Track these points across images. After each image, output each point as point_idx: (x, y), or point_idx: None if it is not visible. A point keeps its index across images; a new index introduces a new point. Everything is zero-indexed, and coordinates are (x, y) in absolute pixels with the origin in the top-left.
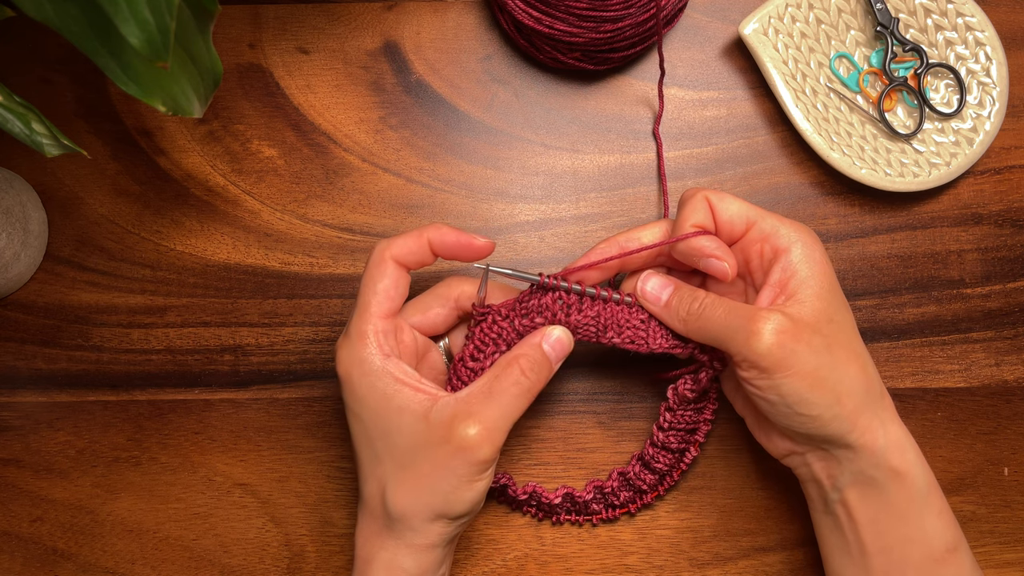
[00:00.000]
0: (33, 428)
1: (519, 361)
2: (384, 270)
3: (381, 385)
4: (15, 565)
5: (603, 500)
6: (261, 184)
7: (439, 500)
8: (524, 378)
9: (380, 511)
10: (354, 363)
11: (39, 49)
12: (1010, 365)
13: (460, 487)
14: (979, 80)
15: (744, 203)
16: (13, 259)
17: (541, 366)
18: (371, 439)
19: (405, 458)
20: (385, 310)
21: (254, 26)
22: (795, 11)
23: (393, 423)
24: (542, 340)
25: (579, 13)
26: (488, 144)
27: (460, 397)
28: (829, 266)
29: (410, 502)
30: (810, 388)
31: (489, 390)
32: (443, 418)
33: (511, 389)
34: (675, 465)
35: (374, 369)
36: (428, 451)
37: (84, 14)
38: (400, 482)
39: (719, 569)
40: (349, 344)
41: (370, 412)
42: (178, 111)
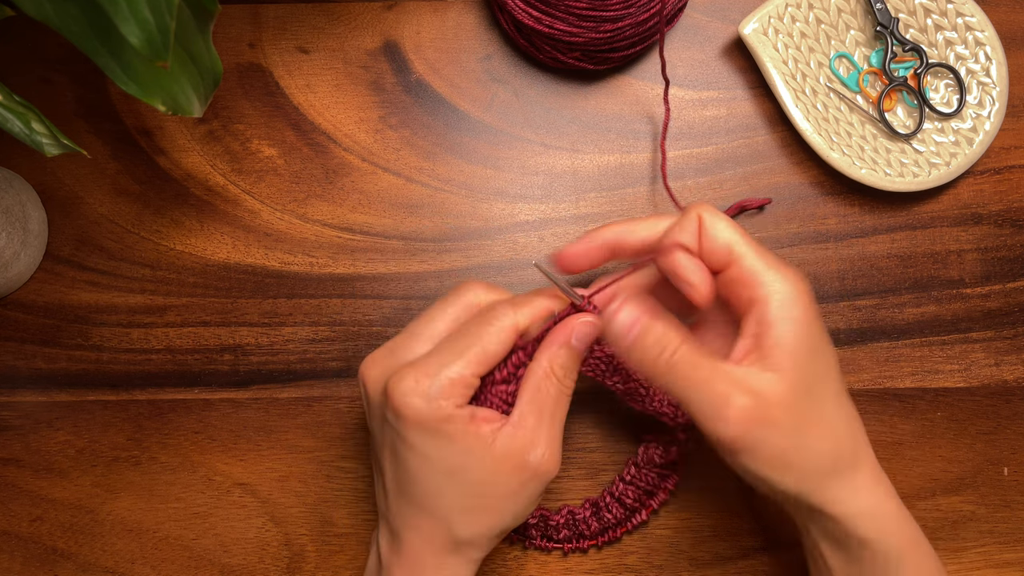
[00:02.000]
0: (33, 428)
1: (554, 370)
2: (501, 339)
3: (450, 429)
4: (15, 565)
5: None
6: (261, 184)
7: (510, 519)
8: (563, 386)
9: (441, 538)
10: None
11: (39, 49)
12: (1010, 365)
13: (529, 506)
14: (979, 80)
15: (735, 233)
16: (13, 258)
17: (573, 365)
18: (433, 475)
19: (476, 491)
20: (481, 371)
21: (254, 26)
22: (795, 11)
23: (461, 462)
24: (571, 338)
25: (579, 13)
26: (488, 144)
27: (515, 423)
28: (812, 322)
29: (483, 528)
30: (773, 470)
31: (539, 408)
32: (509, 450)
33: (557, 401)
34: (621, 522)
35: (448, 416)
36: (499, 482)
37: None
38: (472, 512)
39: (719, 569)
40: (427, 380)
41: (437, 451)
42: (178, 111)
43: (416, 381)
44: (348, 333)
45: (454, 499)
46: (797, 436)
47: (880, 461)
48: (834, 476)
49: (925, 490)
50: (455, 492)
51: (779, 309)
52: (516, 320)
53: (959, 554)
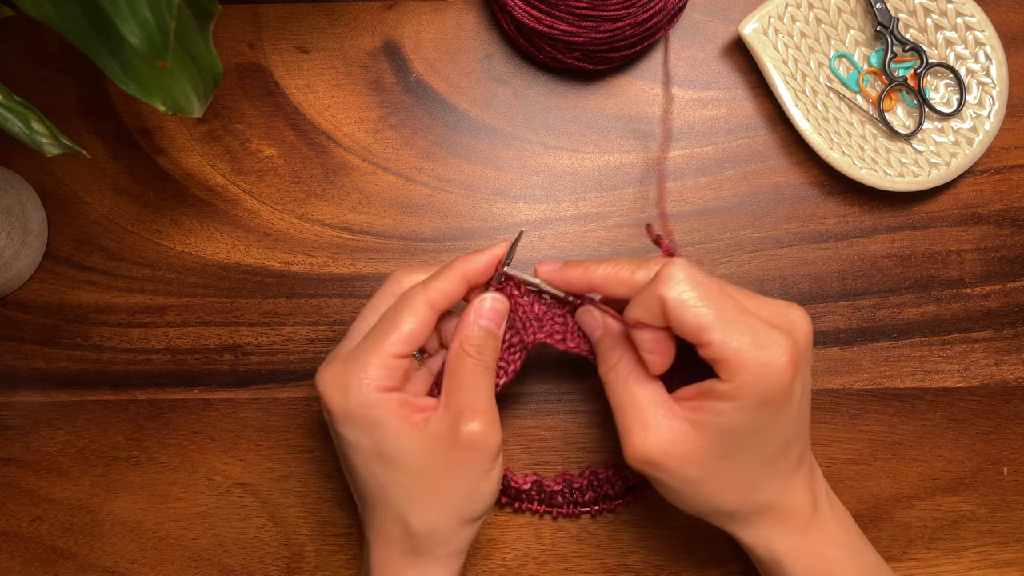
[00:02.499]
0: (33, 427)
1: (464, 348)
2: (415, 314)
3: (378, 414)
4: (15, 564)
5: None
6: (261, 183)
7: (461, 502)
8: (476, 361)
9: (400, 536)
10: (348, 394)
11: (39, 49)
12: (1010, 365)
13: (479, 482)
14: (979, 80)
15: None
16: (13, 258)
17: (485, 342)
18: (371, 468)
19: (417, 476)
20: (402, 351)
21: (254, 26)
22: (795, 11)
23: (395, 448)
24: (475, 318)
25: (579, 13)
26: (488, 144)
27: (442, 404)
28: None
29: (435, 516)
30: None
31: (458, 385)
32: (440, 428)
33: (473, 373)
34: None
35: (371, 401)
36: (439, 461)
37: (84, 13)
38: (420, 500)
39: (719, 569)
40: (344, 374)
41: (370, 441)
42: (178, 110)
43: (335, 373)
44: None
45: (398, 489)
46: (694, 486)
47: (880, 461)
48: (733, 520)
49: (925, 490)
50: (397, 481)
51: (733, 394)
52: (428, 296)
53: (959, 554)
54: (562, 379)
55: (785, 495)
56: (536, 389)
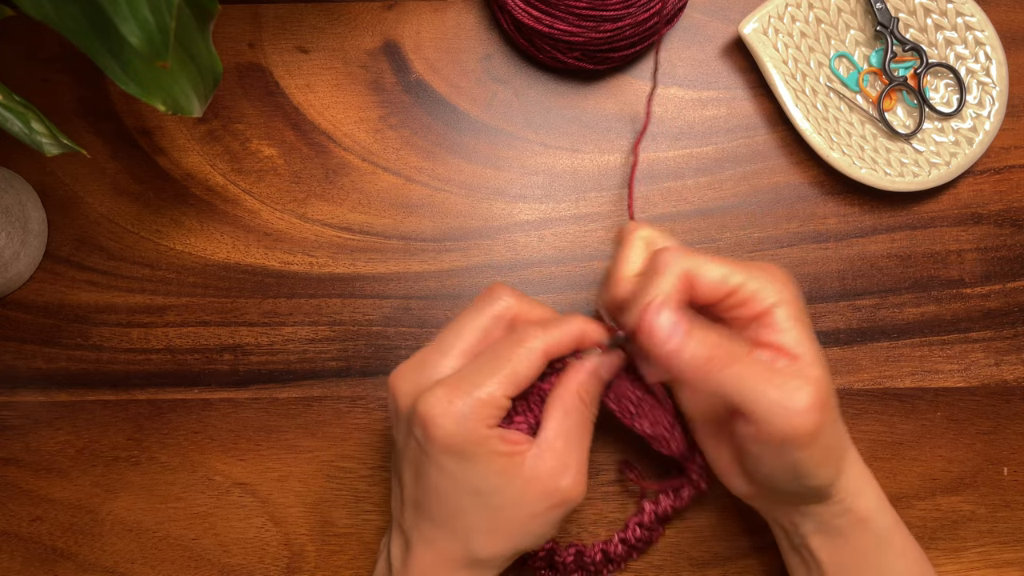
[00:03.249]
0: (32, 427)
1: (582, 396)
2: (532, 362)
3: (483, 451)
4: (15, 564)
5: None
6: (261, 183)
7: (531, 541)
8: (591, 412)
9: (460, 554)
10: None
11: (39, 49)
12: (1010, 365)
13: (551, 528)
14: (979, 80)
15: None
16: (12, 258)
17: (598, 394)
18: (458, 495)
19: (502, 514)
20: (512, 393)
21: (254, 25)
22: (795, 11)
23: (488, 484)
24: (599, 368)
25: (579, 12)
26: (488, 143)
27: (543, 447)
28: (805, 310)
29: (502, 549)
30: (820, 463)
31: (567, 434)
32: (537, 473)
33: (584, 426)
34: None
35: (480, 438)
36: (525, 505)
37: (84, 13)
38: (493, 532)
39: (719, 569)
40: (458, 401)
41: (466, 473)
42: (178, 110)
43: (448, 402)
44: (348, 333)
45: (476, 520)
46: (835, 424)
47: (880, 461)
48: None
49: (925, 490)
50: (478, 513)
51: (783, 313)
52: (546, 343)
53: (959, 554)
54: None
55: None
56: None
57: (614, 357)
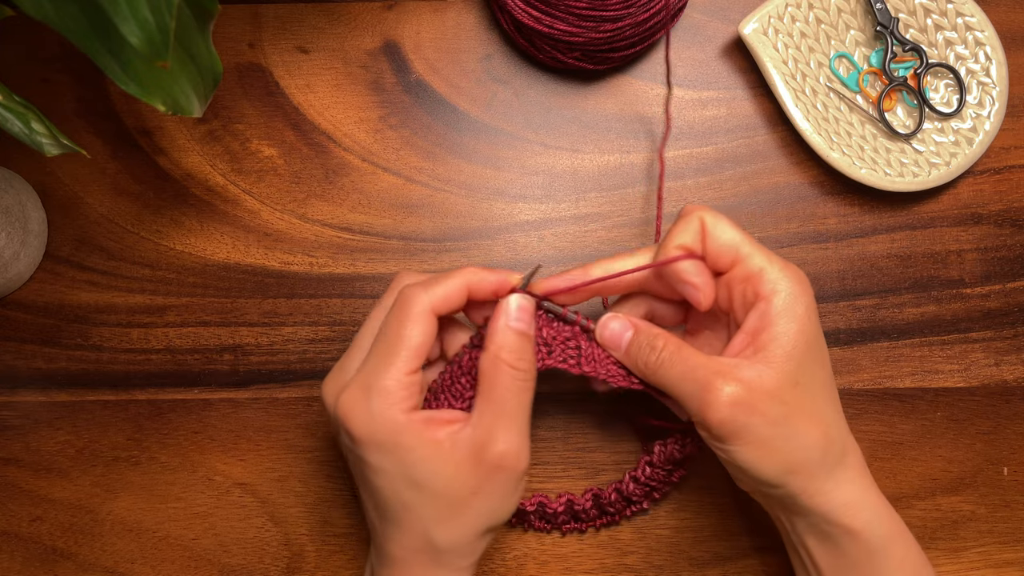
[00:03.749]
0: (32, 427)
1: (502, 357)
2: (421, 322)
3: (405, 440)
4: (15, 564)
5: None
6: (261, 184)
7: (485, 520)
8: (517, 371)
9: (423, 547)
10: (374, 421)
11: (39, 49)
12: (1009, 365)
13: (504, 502)
14: (979, 80)
15: (739, 233)
16: (13, 258)
17: (523, 346)
18: (397, 491)
19: (444, 499)
20: (415, 366)
21: (254, 25)
22: (795, 11)
23: (422, 472)
24: (507, 320)
25: (579, 13)
26: (488, 144)
27: (474, 422)
28: (811, 319)
29: (460, 532)
30: (760, 459)
31: (493, 402)
32: (469, 450)
33: (512, 389)
34: (620, 511)
35: (398, 426)
36: (465, 484)
37: (84, 13)
38: (445, 519)
39: (719, 569)
40: (366, 399)
41: (396, 465)
42: (178, 111)
43: (355, 398)
44: (348, 333)
45: (425, 511)
46: (784, 426)
47: (880, 461)
48: (822, 468)
49: (925, 490)
50: (425, 504)
51: (782, 305)
52: (431, 301)
53: (959, 554)
54: (562, 379)
55: (848, 437)
56: (536, 389)
57: (519, 300)
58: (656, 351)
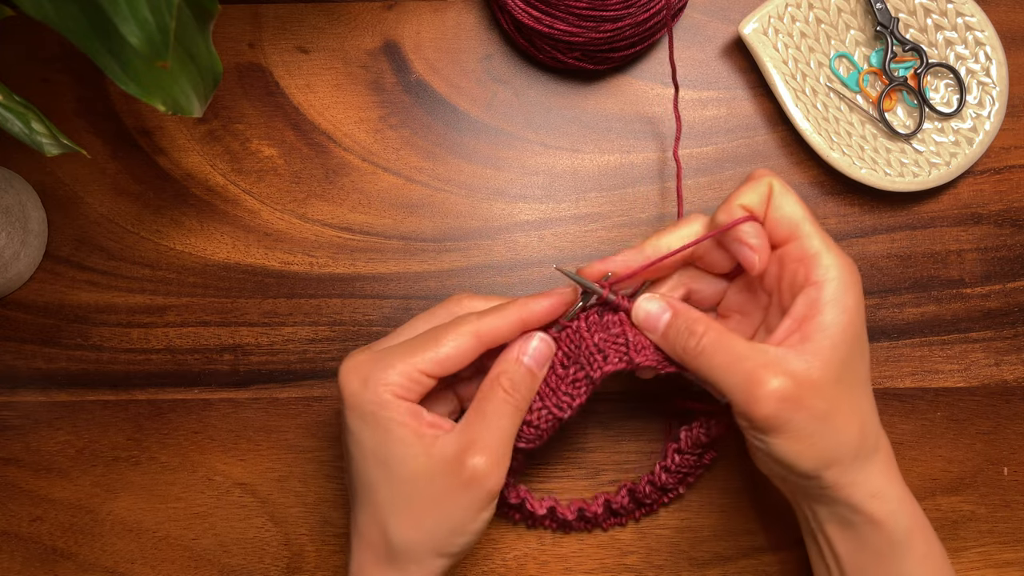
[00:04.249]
0: (32, 427)
1: (500, 381)
2: (459, 340)
3: (385, 415)
4: (15, 564)
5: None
6: (261, 183)
7: (444, 534)
8: (509, 397)
9: (380, 542)
10: (365, 388)
11: (39, 49)
12: (1010, 365)
13: (466, 520)
14: (979, 80)
15: (802, 210)
16: (13, 258)
17: (523, 381)
18: (367, 465)
19: (407, 488)
20: (432, 370)
21: (254, 25)
22: (795, 11)
23: (394, 453)
24: (519, 354)
25: (579, 13)
26: (488, 144)
27: (459, 429)
28: (860, 312)
29: (415, 535)
30: (799, 454)
31: (482, 416)
32: (447, 452)
33: (500, 409)
34: (656, 500)
35: (385, 402)
36: (433, 483)
37: (84, 13)
38: (403, 513)
39: (719, 569)
40: (368, 367)
41: (371, 437)
42: (178, 111)
43: (359, 364)
44: (348, 333)
45: (387, 494)
46: (826, 421)
47: None
48: (856, 461)
49: (925, 490)
50: (389, 487)
51: (833, 294)
52: (478, 328)
53: (959, 554)
54: None
55: (880, 427)
56: None
57: (538, 343)
58: (696, 337)
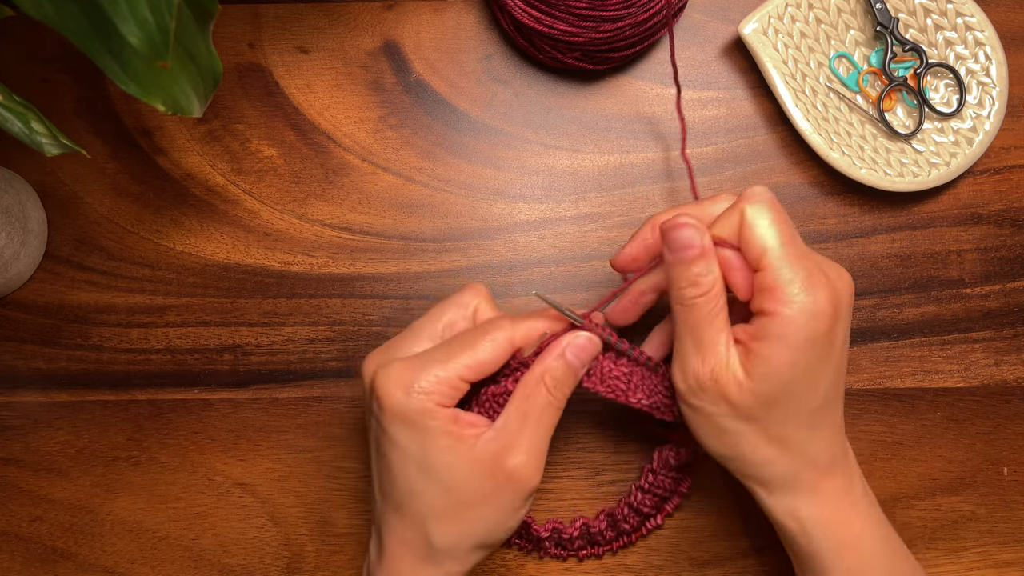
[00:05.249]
0: (32, 428)
1: (544, 380)
2: (495, 348)
3: (431, 424)
4: (15, 565)
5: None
6: (261, 184)
7: (483, 531)
8: (552, 397)
9: (418, 543)
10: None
11: (39, 49)
12: (1009, 365)
13: (507, 518)
14: (979, 80)
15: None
16: (12, 258)
17: (566, 379)
18: (408, 472)
19: (452, 495)
20: (470, 376)
21: (254, 25)
22: (795, 11)
23: (438, 461)
24: (565, 350)
25: (579, 13)
26: (488, 144)
27: (498, 427)
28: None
29: (457, 534)
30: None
31: (524, 416)
32: (488, 453)
33: (544, 411)
34: (636, 528)
35: (428, 411)
36: (475, 486)
37: (84, 13)
38: (446, 517)
39: (719, 569)
40: (412, 374)
41: (415, 446)
42: (178, 111)
43: (400, 372)
44: (348, 333)
45: (429, 500)
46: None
47: (880, 461)
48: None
49: (925, 490)
50: (430, 492)
51: (781, 329)
52: (512, 334)
53: (959, 554)
54: None
55: (819, 458)
56: None
57: (582, 339)
58: (697, 289)
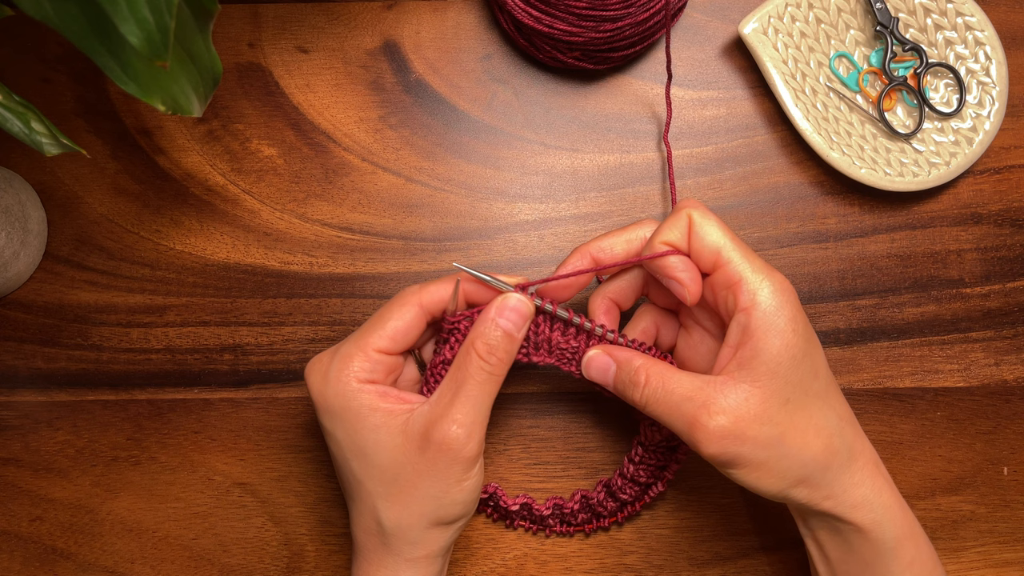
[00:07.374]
0: (32, 427)
1: (475, 346)
2: (403, 312)
3: (355, 405)
4: (15, 564)
5: (560, 518)
6: (260, 183)
7: (431, 506)
8: (484, 363)
9: (374, 529)
10: (328, 384)
11: (39, 48)
12: (1009, 365)
13: (450, 489)
14: (979, 80)
15: (724, 236)
16: (12, 258)
17: (500, 344)
18: (347, 460)
19: (389, 473)
20: (385, 346)
21: (253, 25)
22: (795, 10)
23: (370, 441)
24: (495, 314)
25: (579, 12)
26: (487, 143)
27: (433, 400)
28: (796, 331)
29: (404, 514)
30: (759, 479)
31: (457, 385)
32: (419, 426)
33: (475, 377)
34: (639, 496)
35: (349, 391)
36: (411, 461)
37: (83, 13)
38: (390, 496)
39: (719, 569)
40: (328, 360)
41: (345, 433)
42: (178, 110)
43: (317, 362)
44: (348, 333)
45: (371, 484)
46: (779, 446)
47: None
48: (828, 474)
49: (925, 490)
50: (371, 476)
51: (762, 318)
52: (420, 296)
53: (959, 554)
54: (562, 379)
55: (854, 435)
56: (536, 389)
57: (512, 300)
58: (639, 388)
